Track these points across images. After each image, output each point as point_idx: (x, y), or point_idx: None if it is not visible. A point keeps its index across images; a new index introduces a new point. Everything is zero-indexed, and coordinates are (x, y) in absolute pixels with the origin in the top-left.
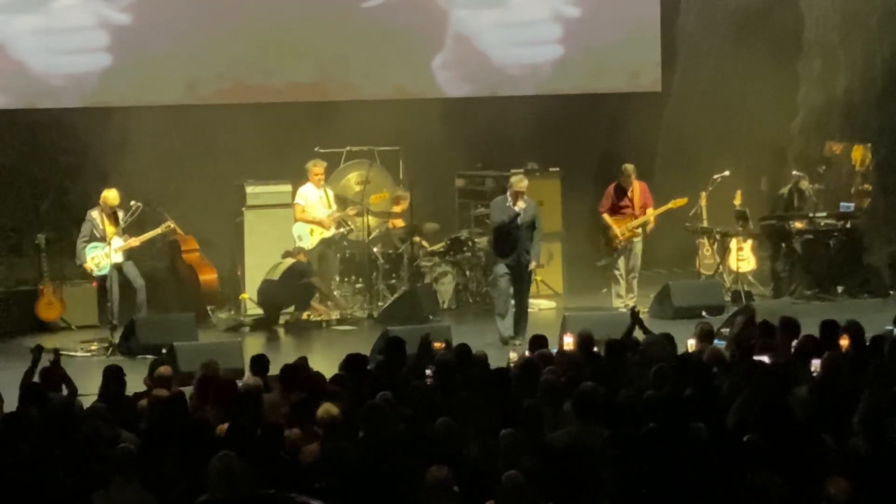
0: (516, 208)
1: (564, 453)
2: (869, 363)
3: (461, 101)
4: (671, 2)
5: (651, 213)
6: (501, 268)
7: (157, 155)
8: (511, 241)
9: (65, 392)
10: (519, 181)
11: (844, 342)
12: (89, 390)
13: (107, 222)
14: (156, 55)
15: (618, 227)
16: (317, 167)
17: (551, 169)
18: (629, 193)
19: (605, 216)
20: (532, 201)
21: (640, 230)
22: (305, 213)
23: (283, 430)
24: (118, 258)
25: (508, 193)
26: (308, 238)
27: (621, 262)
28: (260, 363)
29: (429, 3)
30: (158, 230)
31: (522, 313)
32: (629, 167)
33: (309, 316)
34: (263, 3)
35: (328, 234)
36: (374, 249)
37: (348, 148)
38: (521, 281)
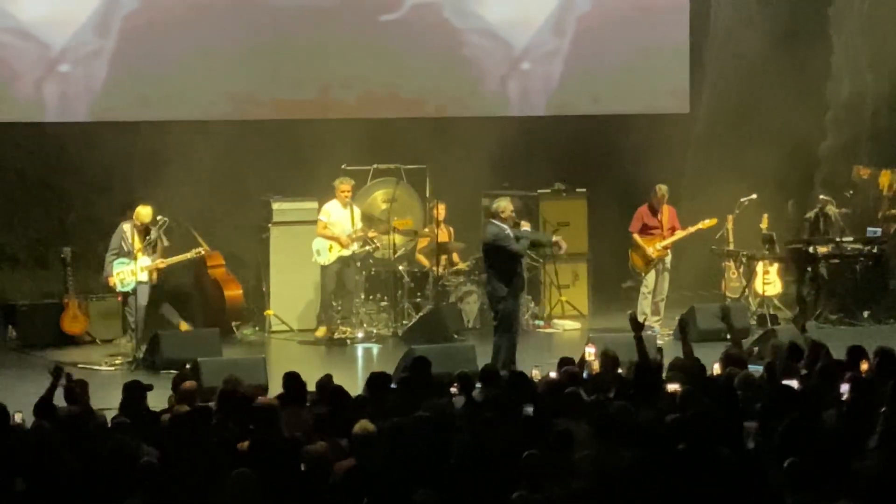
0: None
1: (590, 475)
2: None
3: (488, 121)
4: (700, 24)
5: (681, 234)
6: (515, 303)
7: (184, 170)
8: (521, 270)
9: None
10: (510, 203)
11: (864, 366)
12: (112, 404)
13: (137, 238)
14: (184, 71)
15: (649, 247)
16: (344, 185)
17: (578, 189)
18: (659, 216)
19: (636, 236)
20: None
21: (668, 251)
22: (326, 230)
23: (301, 444)
24: (143, 277)
25: (499, 219)
26: (326, 254)
27: (651, 277)
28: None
29: (456, 22)
30: (189, 255)
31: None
32: (663, 187)
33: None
34: (291, 19)
35: (346, 252)
36: (400, 267)
37: (375, 165)
38: (519, 312)
